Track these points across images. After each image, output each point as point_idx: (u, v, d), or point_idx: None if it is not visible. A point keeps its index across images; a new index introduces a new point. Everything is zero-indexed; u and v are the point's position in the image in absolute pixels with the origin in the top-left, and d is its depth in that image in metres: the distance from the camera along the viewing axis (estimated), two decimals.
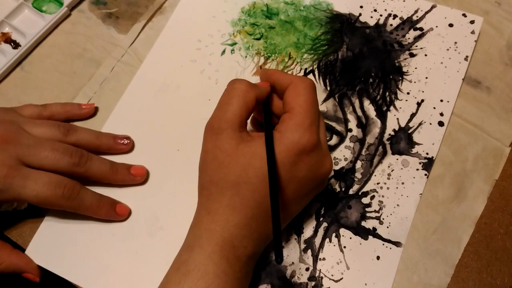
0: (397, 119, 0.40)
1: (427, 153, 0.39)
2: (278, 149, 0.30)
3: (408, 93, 0.41)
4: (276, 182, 0.29)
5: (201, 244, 0.30)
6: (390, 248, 0.36)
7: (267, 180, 0.29)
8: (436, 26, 0.44)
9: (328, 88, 0.42)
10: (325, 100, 0.42)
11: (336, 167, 0.39)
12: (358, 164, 0.39)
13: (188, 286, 0.29)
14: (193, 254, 0.30)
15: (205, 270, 0.29)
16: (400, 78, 0.42)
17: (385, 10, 0.45)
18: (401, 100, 0.41)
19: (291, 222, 0.35)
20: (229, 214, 0.30)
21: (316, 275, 0.35)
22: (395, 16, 0.45)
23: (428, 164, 0.38)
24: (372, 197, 0.38)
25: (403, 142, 0.40)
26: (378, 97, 0.42)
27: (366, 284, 0.35)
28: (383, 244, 0.36)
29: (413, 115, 0.40)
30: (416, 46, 0.43)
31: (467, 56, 0.42)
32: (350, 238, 0.36)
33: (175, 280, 0.29)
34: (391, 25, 0.44)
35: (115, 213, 0.37)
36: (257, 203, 0.30)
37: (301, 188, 0.32)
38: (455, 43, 0.43)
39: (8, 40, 0.45)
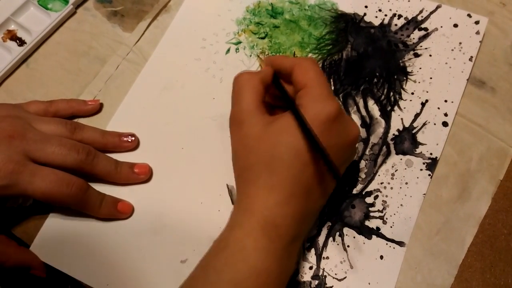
0: (401, 119, 0.40)
1: (431, 153, 0.39)
2: None
3: (412, 93, 0.41)
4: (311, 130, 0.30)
5: (241, 223, 0.31)
6: (394, 248, 0.36)
7: (298, 153, 0.30)
8: (441, 26, 0.44)
9: (332, 88, 0.42)
10: None
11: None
12: (362, 163, 0.39)
13: (224, 257, 0.29)
14: (233, 232, 0.31)
15: (243, 245, 0.29)
16: (405, 78, 0.42)
17: (390, 10, 0.45)
18: (406, 100, 0.41)
19: None
20: (268, 194, 0.30)
21: (320, 274, 0.35)
22: (400, 16, 0.45)
23: (432, 164, 0.38)
24: (376, 197, 0.38)
25: (407, 142, 0.40)
26: (383, 97, 0.42)
27: (369, 284, 0.35)
28: (387, 244, 0.36)
29: (417, 115, 0.40)
30: (421, 46, 0.43)
31: (471, 57, 0.42)
32: (354, 237, 0.37)
33: (214, 252, 0.30)
34: (395, 25, 0.45)
35: (117, 212, 0.37)
36: (295, 179, 0.30)
37: (335, 159, 0.31)
38: (460, 43, 0.43)
39: (14, 37, 0.46)
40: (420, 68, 0.42)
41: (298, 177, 0.30)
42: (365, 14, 0.45)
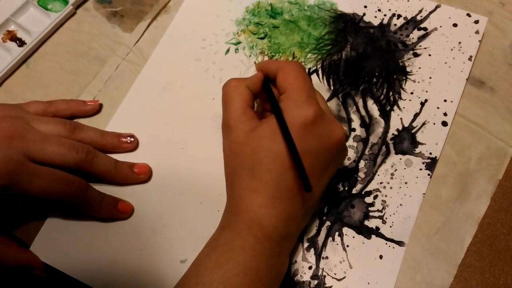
0: (401, 118, 0.41)
1: (430, 153, 0.39)
2: None
3: (411, 93, 0.41)
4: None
5: (229, 224, 0.32)
6: (393, 248, 0.36)
7: (278, 158, 0.31)
8: (440, 26, 0.44)
9: (332, 88, 0.42)
10: (328, 100, 0.42)
11: (340, 167, 0.39)
12: (362, 163, 0.39)
13: (215, 257, 0.30)
14: (223, 232, 0.32)
15: (231, 245, 0.30)
16: (404, 78, 0.42)
17: (389, 10, 0.45)
18: (405, 100, 0.41)
19: None
20: (251, 197, 0.32)
21: (319, 274, 0.36)
22: (399, 16, 0.45)
23: (431, 164, 0.38)
24: (375, 197, 0.38)
25: (406, 141, 0.40)
26: (382, 96, 0.42)
27: (368, 283, 0.35)
28: (386, 244, 0.36)
29: (416, 115, 0.40)
30: (420, 46, 0.43)
31: (471, 56, 0.42)
32: (353, 237, 0.37)
33: (205, 253, 0.32)
34: (395, 25, 0.45)
35: (118, 212, 0.37)
36: (276, 182, 0.31)
37: (318, 161, 0.32)
38: (459, 43, 0.43)
39: (14, 38, 0.46)
40: (420, 68, 0.42)
41: (279, 180, 0.31)
42: (364, 14, 0.45)
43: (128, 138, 0.40)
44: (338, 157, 0.35)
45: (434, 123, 0.40)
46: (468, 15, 0.44)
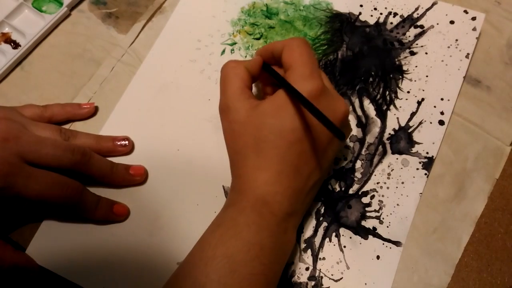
0: (397, 118, 0.40)
1: (427, 152, 0.39)
2: None
3: (408, 92, 0.41)
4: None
5: (234, 202, 0.33)
6: (390, 248, 0.36)
7: (282, 134, 0.31)
8: (437, 23, 0.44)
9: None
10: None
11: (336, 167, 0.39)
12: (358, 163, 0.39)
13: (219, 233, 0.30)
14: (227, 210, 0.33)
15: (236, 222, 0.31)
16: (400, 76, 0.42)
17: (385, 8, 0.45)
18: (401, 99, 0.41)
19: None
20: (256, 174, 0.32)
21: (316, 275, 0.35)
22: (395, 14, 0.45)
23: (428, 163, 0.38)
24: (372, 197, 0.38)
25: (403, 141, 0.39)
26: (378, 96, 0.41)
27: (366, 284, 0.35)
28: (383, 244, 0.36)
29: (413, 114, 0.40)
30: (417, 44, 0.43)
31: (468, 54, 0.42)
32: (350, 237, 0.36)
33: (210, 230, 0.32)
34: (391, 23, 0.44)
35: (113, 214, 0.37)
36: (281, 158, 0.31)
37: (322, 135, 0.32)
38: (456, 40, 0.43)
39: (8, 40, 0.45)
40: (416, 67, 0.42)
41: (284, 156, 0.31)
42: (360, 13, 0.45)
43: (123, 141, 0.40)
44: None
45: (431, 122, 0.40)
46: (465, 12, 0.44)
